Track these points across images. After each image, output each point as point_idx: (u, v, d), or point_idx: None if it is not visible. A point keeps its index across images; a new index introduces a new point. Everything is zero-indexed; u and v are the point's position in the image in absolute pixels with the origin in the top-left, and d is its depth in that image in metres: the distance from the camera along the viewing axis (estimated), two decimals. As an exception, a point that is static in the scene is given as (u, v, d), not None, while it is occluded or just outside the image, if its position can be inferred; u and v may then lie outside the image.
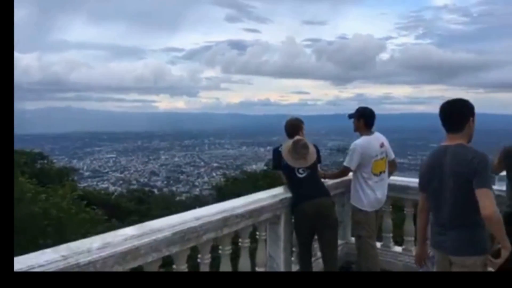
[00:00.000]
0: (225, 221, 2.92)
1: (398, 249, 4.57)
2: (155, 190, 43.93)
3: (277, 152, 3.89)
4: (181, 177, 77.73)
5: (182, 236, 2.57)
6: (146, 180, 71.51)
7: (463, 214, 2.49)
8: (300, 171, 3.72)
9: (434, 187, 2.62)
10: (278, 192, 3.70)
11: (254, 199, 3.38)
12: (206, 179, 77.49)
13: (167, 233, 2.48)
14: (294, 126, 4.02)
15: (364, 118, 4.09)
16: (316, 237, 3.84)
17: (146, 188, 41.76)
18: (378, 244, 4.39)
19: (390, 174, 4.23)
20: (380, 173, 4.04)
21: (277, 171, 4.04)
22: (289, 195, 3.68)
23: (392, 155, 4.20)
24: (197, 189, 69.26)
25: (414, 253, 4.30)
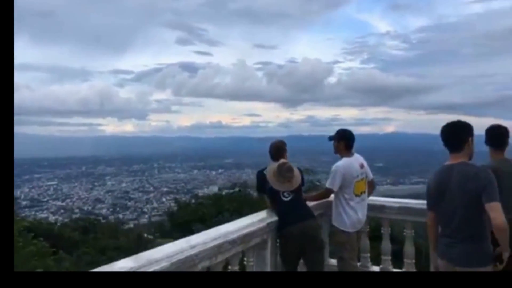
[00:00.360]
0: (219, 248, 2.83)
1: (376, 268, 4.54)
2: (100, 218, 41.63)
3: (261, 175, 3.91)
4: (129, 203, 74.62)
5: (179, 266, 2.44)
6: (90, 208, 67.89)
7: (471, 227, 2.69)
8: (285, 194, 3.72)
9: (443, 204, 2.80)
10: (263, 216, 3.64)
11: (244, 224, 3.32)
12: (155, 204, 75.01)
13: (165, 263, 2.36)
14: (278, 149, 4.03)
15: (344, 141, 4.11)
16: (301, 260, 3.79)
17: (92, 217, 39.63)
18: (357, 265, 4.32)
19: (369, 194, 4.25)
20: (361, 193, 4.05)
21: (261, 194, 4.05)
22: (274, 218, 3.62)
23: (370, 176, 4.23)
24: (146, 216, 66.83)
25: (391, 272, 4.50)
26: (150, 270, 2.24)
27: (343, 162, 4.02)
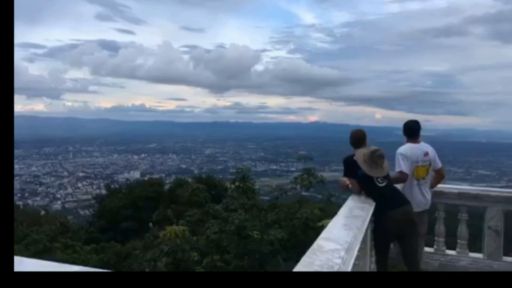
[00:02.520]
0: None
1: (430, 249, 5.03)
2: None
3: (350, 161, 4.04)
4: (40, 188, 68.91)
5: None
6: (-7, 193, 61.14)
7: None
8: (379, 180, 3.88)
9: None
10: (365, 200, 3.80)
11: (367, 209, 3.45)
12: (70, 190, 70.25)
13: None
14: (360, 138, 4.19)
15: (404, 132, 4.62)
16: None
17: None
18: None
19: (437, 182, 4.71)
20: (422, 178, 4.47)
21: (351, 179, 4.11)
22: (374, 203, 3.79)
23: (438, 165, 4.60)
24: (59, 202, 62.08)
25: (445, 252, 5.05)
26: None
27: (404, 146, 4.47)
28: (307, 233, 7.18)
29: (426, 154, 4.45)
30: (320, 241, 2.29)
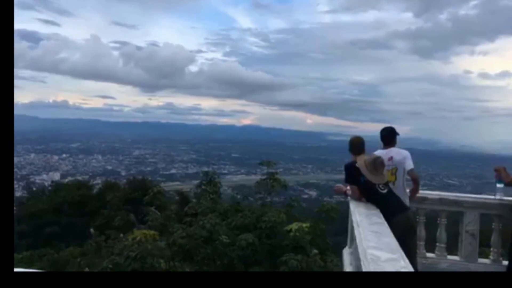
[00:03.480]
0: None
1: (429, 254, 5.14)
2: None
3: (354, 168, 4.09)
4: None
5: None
6: None
7: None
8: (381, 187, 4.00)
9: None
10: (370, 207, 3.88)
11: (375, 214, 3.61)
12: (-24, 193, 62.96)
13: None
14: (360, 145, 4.32)
15: (382, 138, 4.75)
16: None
17: None
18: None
19: (415, 188, 4.69)
20: (389, 181, 4.40)
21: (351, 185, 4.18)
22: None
23: (407, 167, 4.54)
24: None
25: (426, 255, 5.14)
26: None
27: (374, 152, 4.61)
28: (272, 238, 6.84)
29: (390, 158, 4.54)
30: (370, 250, 2.20)
